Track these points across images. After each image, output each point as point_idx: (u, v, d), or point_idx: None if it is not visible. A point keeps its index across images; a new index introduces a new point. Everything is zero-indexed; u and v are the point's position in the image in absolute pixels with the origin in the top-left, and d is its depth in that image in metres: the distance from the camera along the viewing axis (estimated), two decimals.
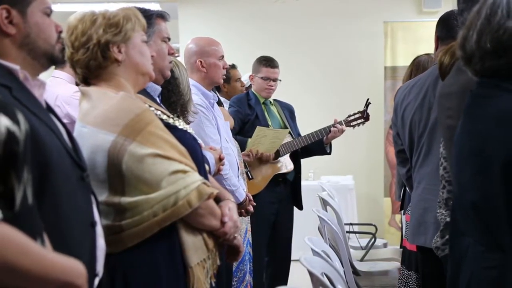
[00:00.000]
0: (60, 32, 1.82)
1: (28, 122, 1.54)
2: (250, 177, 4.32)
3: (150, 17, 2.53)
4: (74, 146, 1.79)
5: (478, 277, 1.81)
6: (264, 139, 4.44)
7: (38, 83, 1.75)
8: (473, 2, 2.37)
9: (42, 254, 1.31)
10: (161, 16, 2.65)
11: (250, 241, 4.00)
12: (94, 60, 2.08)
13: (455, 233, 1.97)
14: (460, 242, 1.91)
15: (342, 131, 4.68)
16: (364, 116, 4.80)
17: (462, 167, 1.87)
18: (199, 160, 2.19)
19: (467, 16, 2.38)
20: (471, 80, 1.94)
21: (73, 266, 1.40)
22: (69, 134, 1.81)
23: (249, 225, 4.00)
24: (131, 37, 2.13)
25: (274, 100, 4.85)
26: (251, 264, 3.96)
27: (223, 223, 2.13)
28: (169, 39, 2.66)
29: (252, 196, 3.83)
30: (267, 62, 4.76)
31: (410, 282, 3.35)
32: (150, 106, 2.16)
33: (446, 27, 2.90)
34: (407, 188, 3.59)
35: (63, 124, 1.81)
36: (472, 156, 1.81)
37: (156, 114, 2.14)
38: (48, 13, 1.78)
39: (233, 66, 5.11)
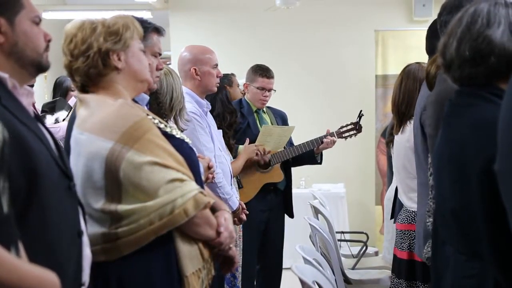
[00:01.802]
0: (49, 40, 1.81)
1: (15, 130, 1.55)
2: (240, 185, 4.32)
3: (146, 29, 2.54)
4: (61, 155, 1.78)
5: (458, 287, 1.82)
6: (270, 137, 4.44)
7: (26, 91, 1.75)
8: (455, 12, 2.40)
9: (15, 264, 1.30)
10: (157, 30, 2.66)
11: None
12: (94, 68, 2.08)
13: (437, 242, 1.98)
14: (442, 251, 1.91)
15: (334, 142, 4.67)
16: (357, 127, 4.79)
17: (441, 175, 1.89)
18: (196, 170, 2.19)
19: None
20: (447, 90, 1.97)
21: (47, 278, 1.40)
22: (56, 143, 1.81)
23: (240, 235, 4.00)
24: (130, 45, 2.13)
25: (267, 107, 4.82)
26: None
27: (218, 233, 2.13)
28: (160, 54, 2.66)
29: None
30: (263, 72, 4.68)
31: None
32: (148, 115, 2.16)
33: (434, 38, 2.93)
34: (397, 197, 3.60)
35: (50, 133, 1.82)
36: (450, 164, 1.83)
37: (154, 123, 2.14)
38: (36, 21, 1.77)
39: (232, 74, 5.13)
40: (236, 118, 4.20)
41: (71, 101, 5.12)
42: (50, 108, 4.89)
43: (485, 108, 1.74)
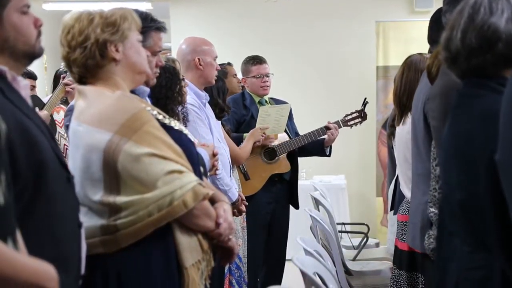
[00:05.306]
0: (40, 25, 1.80)
1: (22, 123, 1.57)
2: (247, 177, 4.32)
3: (148, 28, 2.52)
4: (57, 147, 1.79)
5: (464, 278, 1.82)
6: (268, 118, 4.44)
7: (23, 84, 1.75)
8: (456, 3, 2.40)
9: (11, 255, 1.29)
10: (159, 29, 2.64)
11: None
12: (92, 59, 2.07)
13: (443, 233, 1.98)
14: (448, 243, 1.91)
15: (337, 128, 4.68)
16: (362, 115, 4.80)
17: (449, 167, 1.89)
18: (194, 161, 2.18)
19: (449, 17, 2.41)
20: (452, 81, 1.95)
21: (44, 270, 1.38)
22: (52, 137, 1.81)
23: (244, 226, 3.99)
24: (128, 36, 2.12)
25: (270, 98, 4.84)
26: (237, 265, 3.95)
27: (218, 224, 2.12)
28: (160, 51, 2.65)
29: (249, 196, 3.82)
30: (254, 60, 4.76)
31: (401, 281, 3.36)
32: (146, 106, 2.15)
33: (436, 28, 2.91)
34: (397, 188, 3.60)
35: (46, 126, 1.82)
36: (458, 155, 1.83)
37: (153, 114, 2.13)
38: (25, 11, 1.75)
39: (229, 64, 5.12)
40: (228, 109, 4.14)
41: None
42: (63, 101, 4.88)
43: (493, 98, 1.73)
